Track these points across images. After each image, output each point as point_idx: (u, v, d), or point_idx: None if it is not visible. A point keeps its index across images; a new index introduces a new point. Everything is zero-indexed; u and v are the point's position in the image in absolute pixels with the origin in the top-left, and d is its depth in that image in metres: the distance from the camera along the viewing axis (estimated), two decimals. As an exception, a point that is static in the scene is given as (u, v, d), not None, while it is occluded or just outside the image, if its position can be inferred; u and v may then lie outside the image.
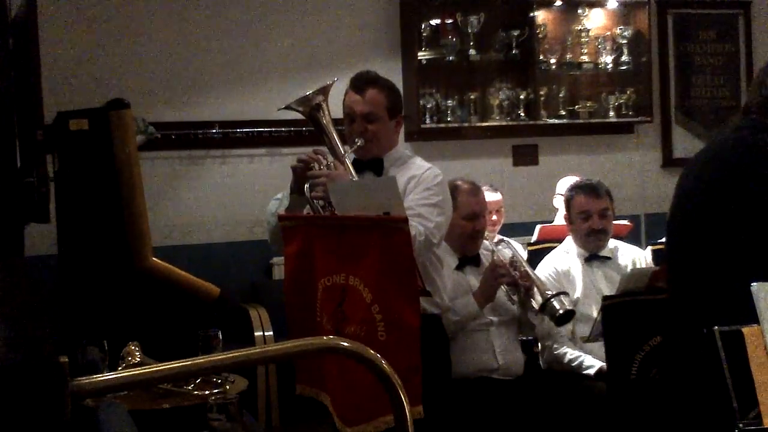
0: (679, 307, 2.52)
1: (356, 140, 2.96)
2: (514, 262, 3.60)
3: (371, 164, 3.03)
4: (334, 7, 5.41)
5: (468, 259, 3.64)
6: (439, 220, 2.88)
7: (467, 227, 3.57)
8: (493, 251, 3.65)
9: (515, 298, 3.52)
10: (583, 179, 3.97)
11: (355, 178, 2.90)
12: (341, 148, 2.94)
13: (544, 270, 3.78)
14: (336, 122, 3.04)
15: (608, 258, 3.83)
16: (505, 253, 3.68)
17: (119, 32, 5.03)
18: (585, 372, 3.60)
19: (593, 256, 3.83)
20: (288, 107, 2.99)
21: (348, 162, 2.93)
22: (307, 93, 2.97)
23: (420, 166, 3.02)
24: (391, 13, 5.51)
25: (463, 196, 3.57)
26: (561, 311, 3.36)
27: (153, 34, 5.10)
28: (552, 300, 3.38)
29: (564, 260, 3.84)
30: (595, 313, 3.56)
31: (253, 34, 5.28)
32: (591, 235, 3.79)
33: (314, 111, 2.95)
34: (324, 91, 2.97)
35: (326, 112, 2.96)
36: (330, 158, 2.90)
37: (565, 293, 3.51)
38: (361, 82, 3.01)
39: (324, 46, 5.37)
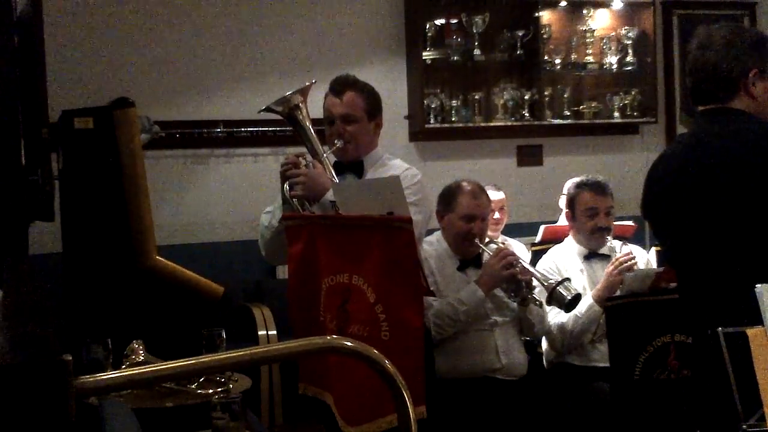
0: (696, 307, 2.49)
1: (335, 141, 3.03)
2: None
3: (352, 166, 3.08)
4: (338, 6, 5.41)
5: (469, 260, 3.63)
6: (415, 218, 2.88)
7: (463, 228, 3.57)
8: (482, 250, 3.63)
9: (516, 295, 3.52)
10: (589, 177, 3.95)
11: (334, 177, 2.96)
12: (320, 149, 3.00)
13: (543, 266, 3.79)
14: (318, 124, 3.08)
15: (608, 256, 3.83)
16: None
17: (124, 31, 5.03)
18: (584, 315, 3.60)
19: (593, 254, 3.83)
20: (267, 108, 3.04)
21: (328, 163, 2.97)
22: (286, 94, 3.01)
23: (399, 166, 3.07)
24: (395, 12, 5.51)
25: (463, 196, 3.59)
26: (569, 297, 3.39)
27: (157, 33, 5.10)
28: (557, 288, 3.40)
29: (563, 257, 3.84)
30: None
31: (257, 32, 5.28)
32: (596, 233, 3.78)
33: (293, 111, 3.01)
34: (302, 92, 3.03)
35: (305, 113, 3.03)
36: (309, 158, 2.95)
37: (568, 279, 3.52)
38: (340, 86, 3.07)
39: (328, 45, 5.36)
